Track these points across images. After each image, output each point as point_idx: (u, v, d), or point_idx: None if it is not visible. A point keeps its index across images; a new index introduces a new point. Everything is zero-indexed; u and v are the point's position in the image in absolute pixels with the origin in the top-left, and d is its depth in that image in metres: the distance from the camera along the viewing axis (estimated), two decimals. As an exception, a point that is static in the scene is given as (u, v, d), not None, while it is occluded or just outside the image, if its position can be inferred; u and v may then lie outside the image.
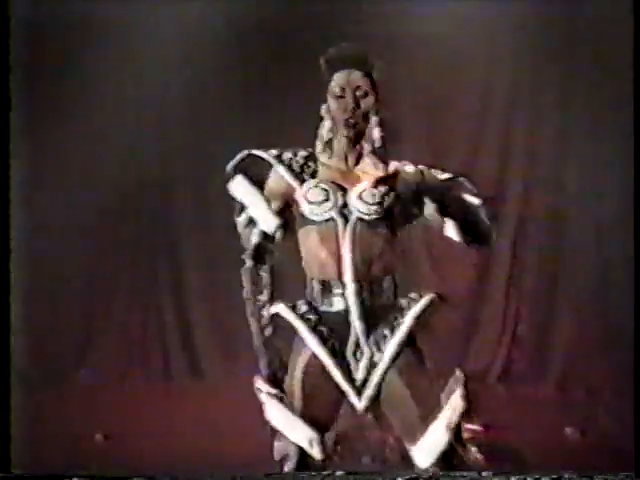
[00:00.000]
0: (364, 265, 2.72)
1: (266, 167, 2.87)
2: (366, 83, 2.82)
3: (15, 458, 3.55)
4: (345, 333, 2.74)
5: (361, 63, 2.82)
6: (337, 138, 2.83)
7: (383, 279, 2.76)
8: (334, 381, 2.73)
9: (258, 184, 2.82)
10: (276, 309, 2.79)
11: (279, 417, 2.74)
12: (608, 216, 5.47)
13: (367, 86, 2.81)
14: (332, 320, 2.75)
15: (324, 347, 2.72)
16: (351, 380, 2.73)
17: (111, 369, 5.69)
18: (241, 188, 2.80)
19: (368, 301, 2.73)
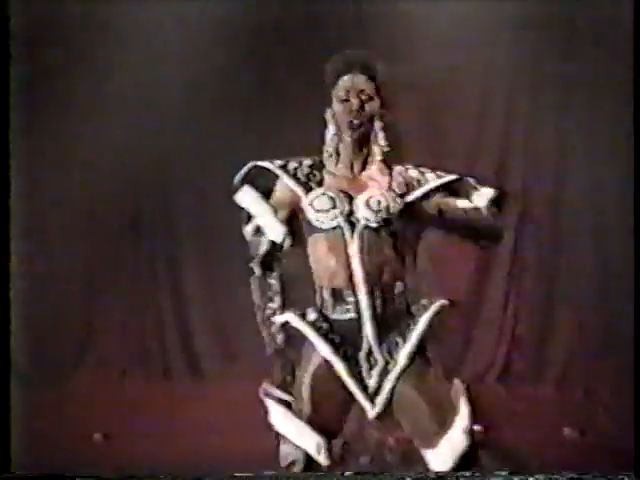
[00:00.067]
0: (374, 272, 2.72)
1: (272, 177, 2.87)
2: (371, 87, 2.81)
3: (15, 458, 3.55)
4: (357, 341, 2.74)
5: (366, 68, 2.82)
6: (342, 143, 2.82)
7: (394, 286, 2.75)
8: (343, 388, 2.73)
9: (265, 194, 2.83)
10: (285, 317, 2.80)
11: (286, 423, 2.75)
12: (608, 216, 5.47)
13: (372, 90, 2.81)
14: (343, 328, 2.75)
15: (336, 354, 2.72)
16: (364, 387, 2.73)
17: (111, 369, 5.69)
18: (248, 198, 2.81)
19: (379, 308, 2.73)
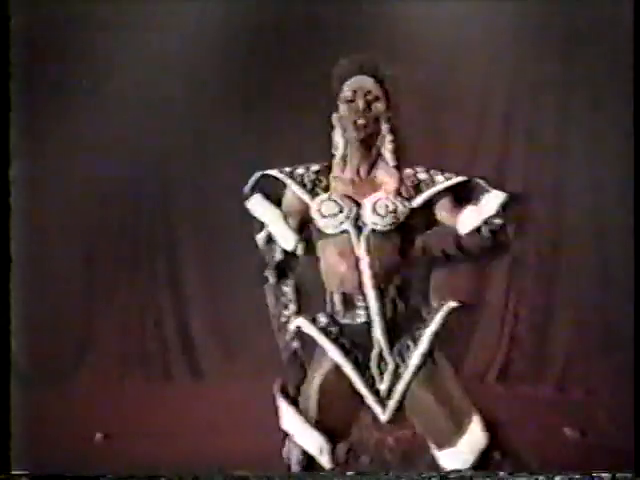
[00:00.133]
0: (383, 276, 2.72)
1: (281, 185, 2.89)
2: (377, 89, 2.82)
3: (15, 458, 3.55)
4: (367, 345, 2.75)
5: (373, 70, 2.82)
6: (349, 146, 2.82)
7: (403, 289, 2.76)
8: (353, 392, 2.74)
9: (275, 202, 2.85)
10: (297, 323, 2.81)
11: (293, 422, 2.76)
12: (608, 216, 5.48)
13: (378, 91, 2.81)
14: (354, 332, 2.75)
15: (347, 359, 2.73)
16: (375, 392, 2.74)
17: (111, 369, 5.69)
18: (259, 207, 2.84)
19: (389, 312, 2.74)
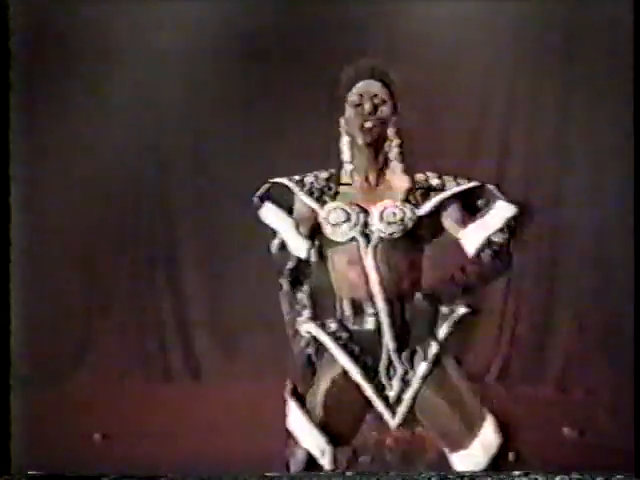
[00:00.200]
0: (392, 283, 2.72)
1: (292, 192, 2.89)
2: (384, 92, 2.81)
3: (15, 458, 3.55)
4: (377, 351, 2.75)
5: (380, 75, 2.82)
6: (356, 151, 2.81)
7: (413, 295, 2.76)
8: (359, 397, 2.74)
9: (286, 209, 2.85)
10: (306, 328, 2.81)
11: (297, 422, 2.76)
12: (608, 216, 5.47)
13: (385, 95, 2.81)
14: (363, 338, 2.75)
15: (356, 365, 2.73)
16: (384, 398, 2.74)
17: (111, 369, 5.69)
18: (271, 215, 2.85)
19: (399, 319, 2.73)
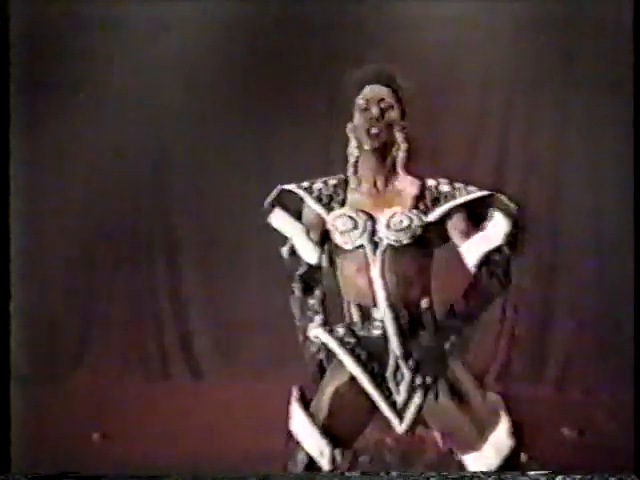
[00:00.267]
0: (399, 290, 2.71)
1: (300, 199, 2.88)
2: (391, 97, 2.78)
3: (15, 458, 3.56)
4: (384, 357, 2.73)
5: (387, 79, 2.79)
6: (363, 156, 2.79)
7: (420, 301, 2.75)
8: (365, 403, 2.73)
9: (296, 215, 2.85)
10: (314, 333, 2.80)
11: (300, 423, 2.76)
12: (608, 216, 5.47)
13: (392, 100, 2.78)
14: (371, 344, 2.74)
15: (363, 370, 2.73)
16: (391, 403, 2.73)
17: (110, 369, 5.68)
18: (281, 221, 2.85)
19: (405, 325, 2.72)
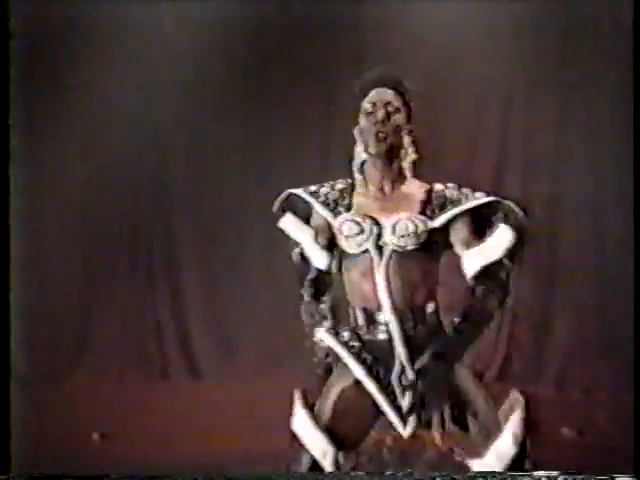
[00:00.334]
0: (404, 295, 2.71)
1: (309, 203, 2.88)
2: (398, 100, 2.78)
3: (15, 459, 3.56)
4: (389, 361, 2.73)
5: (394, 82, 2.79)
6: (370, 160, 2.79)
7: (425, 306, 2.74)
8: (370, 406, 2.73)
9: (305, 219, 2.85)
10: (319, 336, 2.80)
11: (303, 424, 2.76)
12: (607, 216, 5.48)
13: (398, 103, 2.78)
14: (376, 348, 2.74)
15: (368, 374, 2.73)
16: (396, 407, 2.73)
17: (110, 370, 5.69)
18: (291, 226, 2.85)
19: (411, 329, 2.72)
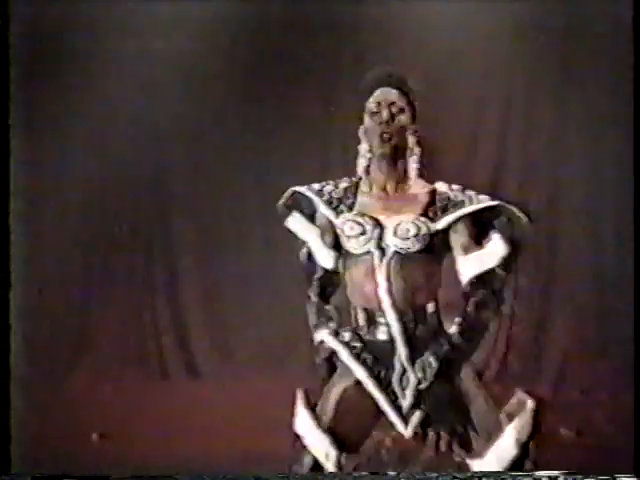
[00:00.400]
0: (405, 296, 2.71)
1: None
2: (402, 100, 2.78)
3: (15, 459, 3.57)
4: (390, 361, 2.73)
5: (398, 82, 2.79)
6: (375, 160, 2.79)
7: (426, 307, 2.74)
8: (371, 407, 2.73)
9: (311, 218, 2.85)
10: (320, 336, 2.80)
11: (305, 425, 2.76)
12: (607, 216, 5.48)
13: (403, 103, 2.78)
14: (377, 349, 2.74)
15: (369, 374, 2.72)
16: (397, 407, 2.73)
17: (109, 370, 5.68)
18: (298, 225, 2.85)
19: (411, 330, 2.72)
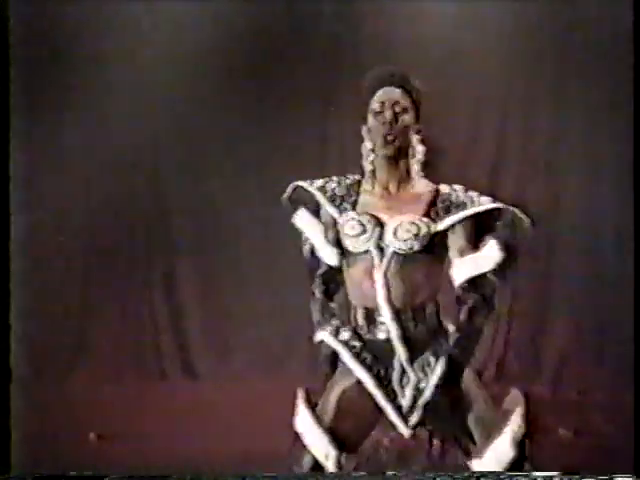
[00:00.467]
0: (404, 296, 2.70)
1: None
2: (406, 100, 2.77)
3: (15, 459, 3.57)
4: (389, 361, 2.73)
5: (401, 82, 2.78)
6: (378, 159, 2.78)
7: (425, 306, 2.73)
8: (371, 407, 2.73)
9: (317, 215, 2.85)
10: (320, 336, 2.80)
11: (305, 424, 2.76)
12: (606, 216, 5.47)
13: (406, 103, 2.77)
14: (376, 348, 2.73)
15: (368, 373, 2.72)
16: (397, 406, 2.72)
17: (107, 370, 5.68)
18: (303, 221, 2.85)
19: (412, 329, 2.71)
